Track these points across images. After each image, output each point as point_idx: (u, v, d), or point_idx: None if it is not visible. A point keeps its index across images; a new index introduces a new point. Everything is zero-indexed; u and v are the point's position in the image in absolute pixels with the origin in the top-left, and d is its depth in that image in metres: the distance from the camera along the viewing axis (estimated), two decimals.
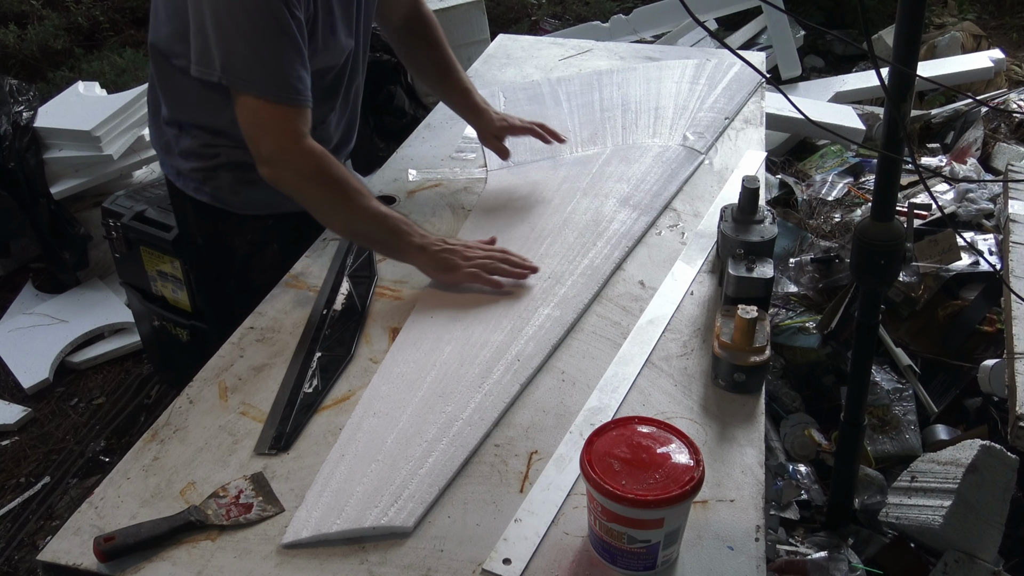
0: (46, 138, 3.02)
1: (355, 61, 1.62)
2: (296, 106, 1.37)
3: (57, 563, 1.01)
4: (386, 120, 3.63)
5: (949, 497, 1.67)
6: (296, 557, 1.01)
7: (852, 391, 1.72)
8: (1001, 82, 3.87)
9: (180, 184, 1.65)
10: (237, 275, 1.71)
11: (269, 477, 1.12)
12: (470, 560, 1.00)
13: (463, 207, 1.74)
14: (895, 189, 1.48)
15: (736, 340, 1.21)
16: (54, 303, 3.02)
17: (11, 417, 2.61)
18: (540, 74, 2.32)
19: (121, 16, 5.05)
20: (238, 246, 1.68)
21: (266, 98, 1.34)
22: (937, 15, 4.67)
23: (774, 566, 1.77)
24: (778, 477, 2.03)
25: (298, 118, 1.37)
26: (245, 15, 1.30)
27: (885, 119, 1.42)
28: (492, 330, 1.36)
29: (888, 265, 1.50)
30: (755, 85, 2.17)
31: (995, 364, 1.99)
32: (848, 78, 3.92)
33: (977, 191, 2.74)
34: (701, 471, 0.94)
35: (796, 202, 2.96)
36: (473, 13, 3.88)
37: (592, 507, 0.97)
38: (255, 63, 1.33)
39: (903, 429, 2.12)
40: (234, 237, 1.67)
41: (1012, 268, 2.05)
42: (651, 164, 1.83)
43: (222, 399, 1.26)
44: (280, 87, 1.35)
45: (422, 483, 1.09)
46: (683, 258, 1.55)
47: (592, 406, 1.22)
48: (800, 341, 2.31)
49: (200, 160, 1.58)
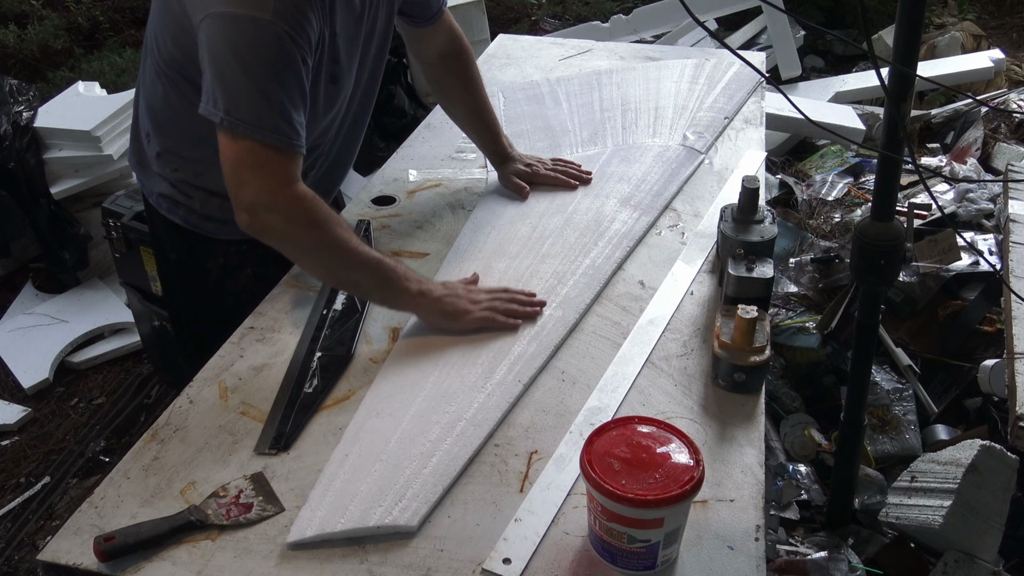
0: (46, 138, 3.02)
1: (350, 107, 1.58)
2: (291, 152, 1.31)
3: (57, 563, 1.01)
4: (386, 120, 3.64)
5: (949, 497, 1.67)
6: (296, 557, 1.01)
7: (852, 391, 1.72)
8: (1001, 82, 3.87)
9: (153, 201, 1.61)
10: (210, 295, 1.67)
11: (269, 477, 1.12)
12: (470, 560, 1.00)
13: (463, 207, 1.74)
14: (895, 189, 1.48)
15: (736, 340, 1.21)
16: (54, 303, 3.02)
17: (11, 417, 2.61)
18: (540, 74, 2.32)
19: (121, 16, 5.05)
20: (211, 269, 1.64)
21: (265, 143, 1.27)
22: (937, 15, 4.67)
23: (774, 566, 1.77)
24: (778, 477, 2.03)
25: (291, 163, 1.31)
26: (255, 56, 1.25)
27: (885, 119, 1.42)
28: (494, 330, 1.36)
29: (888, 265, 1.50)
30: (754, 85, 2.17)
31: (995, 364, 1.99)
32: (848, 78, 3.92)
33: (977, 191, 2.74)
34: (701, 471, 0.94)
35: (796, 202, 2.96)
36: (473, 13, 3.87)
37: (592, 507, 0.97)
38: (263, 106, 1.26)
39: (903, 429, 2.12)
40: (207, 259, 1.63)
41: (1012, 268, 2.05)
42: (651, 164, 1.83)
43: (222, 399, 1.26)
44: (282, 132, 1.29)
45: (426, 483, 1.09)
46: (683, 258, 1.55)
47: (592, 406, 1.22)
48: (800, 341, 2.31)
49: (174, 186, 1.55)
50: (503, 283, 1.47)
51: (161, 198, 1.59)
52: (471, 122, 1.80)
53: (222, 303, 1.66)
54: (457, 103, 1.79)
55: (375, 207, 1.74)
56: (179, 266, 1.69)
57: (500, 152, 1.80)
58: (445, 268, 1.54)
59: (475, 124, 1.79)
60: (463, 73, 1.74)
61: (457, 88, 1.76)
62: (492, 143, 1.79)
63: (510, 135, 1.84)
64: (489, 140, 1.79)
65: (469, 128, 1.82)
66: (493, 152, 1.80)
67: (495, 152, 1.80)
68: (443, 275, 1.51)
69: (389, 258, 1.37)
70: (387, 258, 1.37)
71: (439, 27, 1.68)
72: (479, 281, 1.47)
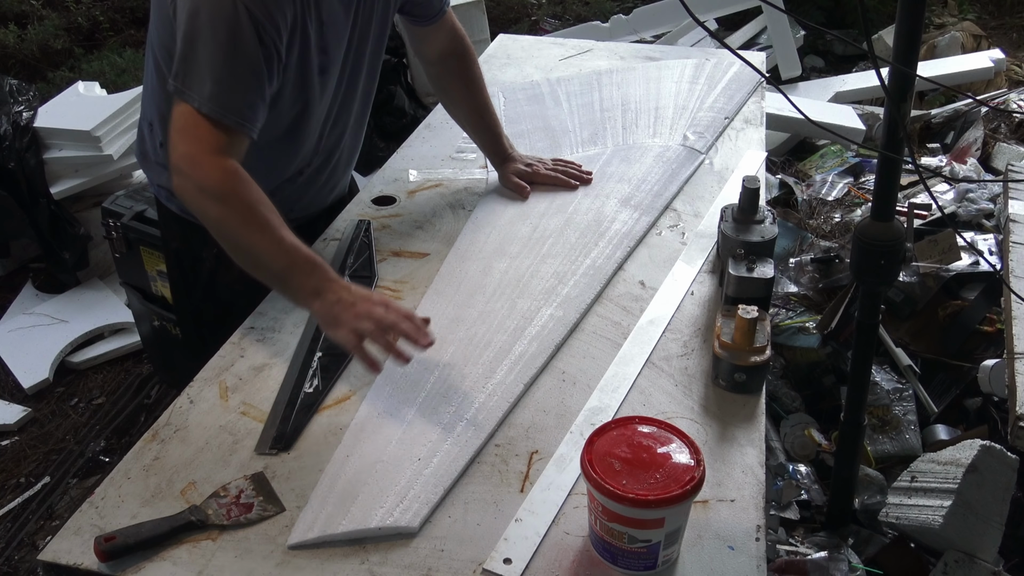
0: (46, 138, 3.02)
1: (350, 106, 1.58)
2: (231, 129, 1.28)
3: (57, 563, 1.01)
4: (386, 120, 3.64)
5: (949, 497, 1.67)
6: (297, 557, 1.01)
7: (852, 391, 1.72)
8: (1001, 82, 3.87)
9: (154, 191, 1.65)
10: (204, 286, 1.68)
11: (270, 477, 1.12)
12: (471, 560, 1.00)
13: (463, 207, 1.74)
14: (895, 189, 1.48)
15: (736, 340, 1.22)
16: (54, 303, 3.02)
17: (11, 417, 2.60)
18: (540, 74, 2.32)
19: (121, 16, 5.05)
20: (205, 258, 1.63)
21: (200, 111, 1.26)
22: (937, 15, 4.67)
23: (774, 566, 1.77)
24: (778, 477, 2.03)
25: (227, 138, 1.28)
26: (211, 28, 1.26)
27: (885, 119, 1.42)
28: (495, 330, 1.36)
29: (888, 265, 1.50)
30: (755, 85, 2.17)
31: (995, 364, 1.99)
32: (848, 78, 3.92)
33: (977, 191, 2.74)
34: (701, 471, 0.94)
35: (796, 202, 2.97)
36: (473, 13, 3.88)
37: (593, 507, 0.97)
38: (206, 76, 1.27)
39: (903, 429, 2.12)
40: (201, 248, 1.62)
41: (1012, 268, 2.05)
42: (652, 164, 1.83)
43: (222, 399, 1.26)
44: (221, 104, 1.27)
45: (427, 483, 1.09)
46: (683, 258, 1.55)
47: (593, 406, 1.23)
48: (800, 341, 2.31)
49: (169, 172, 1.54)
50: (503, 283, 1.48)
51: (160, 188, 1.61)
52: (472, 122, 1.79)
53: (216, 295, 1.66)
54: (458, 103, 1.78)
55: (375, 207, 1.74)
56: (178, 256, 1.71)
57: (501, 152, 1.79)
58: (445, 268, 1.54)
59: (476, 124, 1.79)
60: (465, 73, 1.74)
61: (459, 88, 1.75)
62: (493, 143, 1.79)
63: (510, 135, 1.84)
64: (490, 140, 1.79)
65: (470, 128, 1.82)
66: (494, 152, 1.80)
67: (496, 152, 1.80)
68: (443, 275, 1.51)
69: (304, 252, 1.27)
70: (302, 251, 1.26)
71: (441, 26, 1.68)
72: None
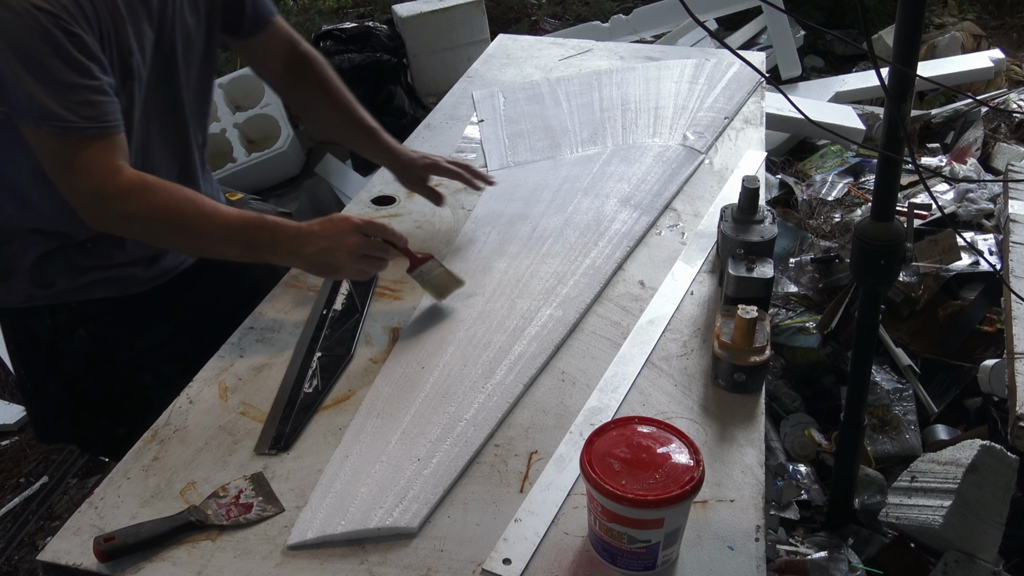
0: None
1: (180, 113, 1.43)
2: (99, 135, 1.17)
3: (57, 563, 1.01)
4: (386, 120, 3.63)
5: (949, 497, 1.67)
6: (296, 557, 1.01)
7: (852, 391, 1.72)
8: (1001, 82, 3.87)
9: None
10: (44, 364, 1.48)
11: (269, 477, 1.12)
12: (470, 560, 1.00)
13: (463, 207, 1.74)
14: (895, 189, 1.48)
15: (736, 340, 1.21)
16: None
17: (11, 417, 2.60)
18: (540, 74, 2.32)
19: None
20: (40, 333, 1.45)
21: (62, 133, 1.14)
22: (937, 15, 4.67)
23: (774, 566, 1.77)
24: (778, 477, 2.03)
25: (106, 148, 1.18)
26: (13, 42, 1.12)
27: (885, 119, 1.42)
28: (495, 330, 1.36)
29: (888, 265, 1.50)
30: (755, 85, 2.17)
31: (995, 364, 1.99)
32: (848, 78, 3.92)
33: (977, 191, 2.74)
34: (701, 471, 0.94)
35: (796, 202, 2.97)
36: (473, 13, 3.87)
37: (592, 507, 0.97)
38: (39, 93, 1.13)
39: (903, 429, 2.12)
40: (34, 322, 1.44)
41: (1012, 268, 2.05)
42: (651, 164, 1.83)
43: (222, 399, 1.26)
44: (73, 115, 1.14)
45: (426, 484, 1.09)
46: (683, 258, 1.55)
47: (592, 406, 1.22)
48: (800, 341, 2.31)
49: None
50: (503, 283, 1.48)
51: None
52: (345, 125, 1.62)
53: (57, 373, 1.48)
54: (326, 109, 1.60)
55: (375, 207, 1.74)
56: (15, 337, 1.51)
57: (388, 147, 1.62)
58: None
59: (350, 126, 1.62)
60: (317, 76, 1.58)
61: (316, 93, 1.59)
62: (374, 139, 1.62)
63: (510, 135, 1.83)
64: (370, 137, 1.62)
65: (346, 131, 1.63)
66: (379, 148, 1.63)
67: (380, 147, 1.63)
68: None
69: (252, 218, 1.28)
70: (250, 214, 1.28)
71: (273, 34, 1.53)
72: None
